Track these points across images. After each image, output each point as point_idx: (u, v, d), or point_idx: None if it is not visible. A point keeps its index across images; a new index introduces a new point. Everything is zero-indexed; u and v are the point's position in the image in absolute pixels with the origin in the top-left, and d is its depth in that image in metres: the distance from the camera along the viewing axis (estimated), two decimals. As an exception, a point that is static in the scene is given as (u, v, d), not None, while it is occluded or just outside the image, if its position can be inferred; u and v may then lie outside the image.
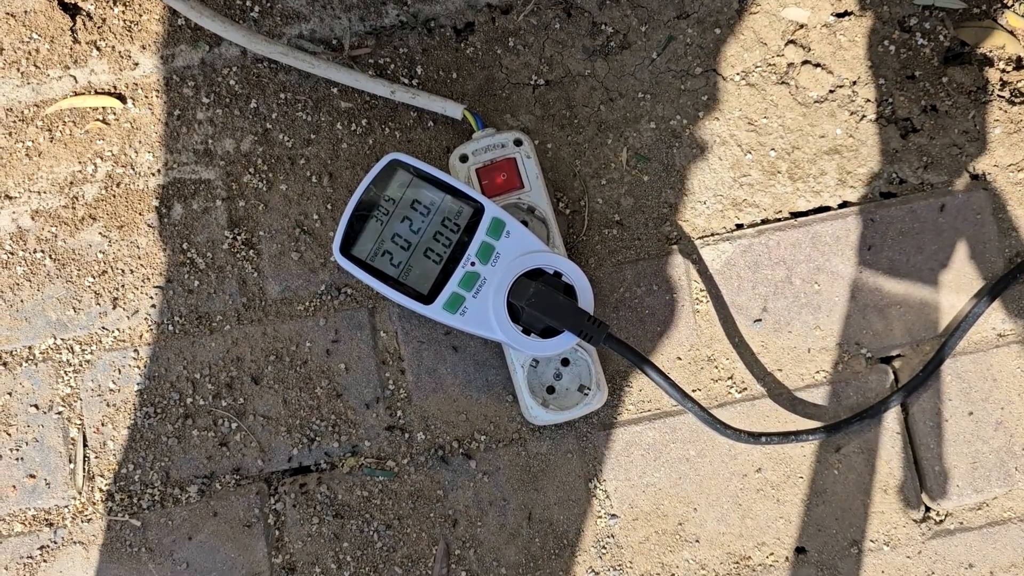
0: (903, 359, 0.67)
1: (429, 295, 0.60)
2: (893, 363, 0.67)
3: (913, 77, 0.68)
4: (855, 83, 0.68)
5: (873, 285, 0.67)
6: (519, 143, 0.64)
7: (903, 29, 0.69)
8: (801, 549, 0.66)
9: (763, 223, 0.67)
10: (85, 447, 0.65)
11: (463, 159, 0.64)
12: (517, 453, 0.66)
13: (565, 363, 0.64)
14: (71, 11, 0.68)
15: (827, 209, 0.68)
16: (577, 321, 0.59)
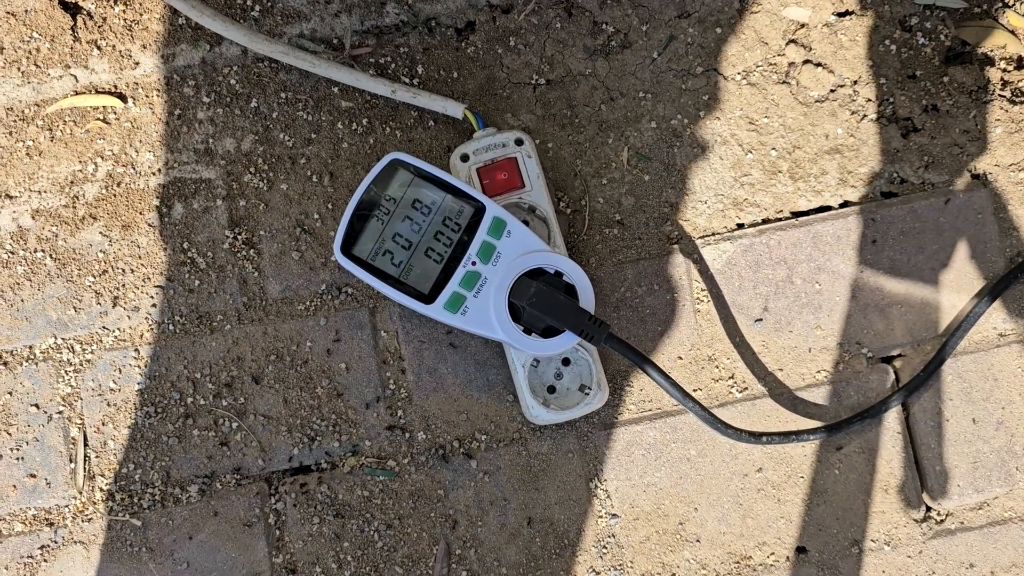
0: (904, 359, 0.67)
1: (430, 295, 0.60)
2: (894, 363, 0.67)
3: (914, 76, 0.68)
4: (856, 82, 0.68)
5: (874, 285, 0.67)
6: (520, 142, 0.64)
7: (904, 28, 0.69)
8: (802, 549, 0.66)
9: (764, 223, 0.67)
10: (86, 447, 0.65)
11: (464, 158, 0.64)
12: (518, 453, 0.66)
13: (566, 363, 0.64)
14: (72, 10, 0.68)
15: (828, 209, 0.68)
16: (578, 321, 0.59)
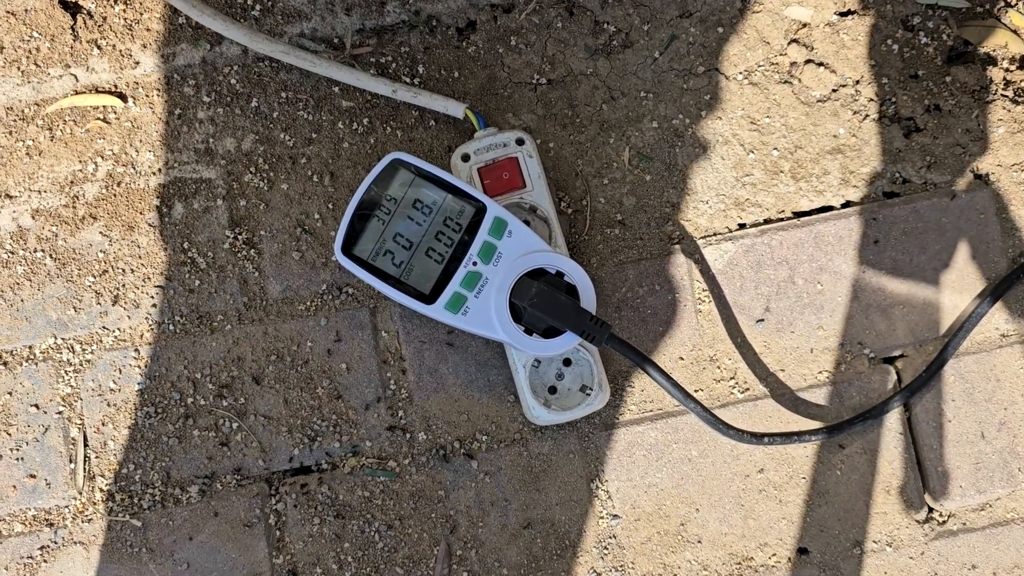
0: (906, 359, 0.67)
1: (431, 295, 0.60)
2: (896, 363, 0.67)
3: (916, 76, 0.68)
4: (858, 82, 0.68)
5: (876, 285, 0.67)
6: (521, 142, 0.64)
7: (906, 28, 0.68)
8: (803, 550, 0.66)
9: (766, 223, 0.67)
10: (86, 447, 0.65)
11: (465, 158, 0.64)
12: (519, 453, 0.65)
13: (567, 363, 0.63)
14: (72, 9, 0.68)
15: (830, 209, 0.68)
16: (579, 321, 0.59)
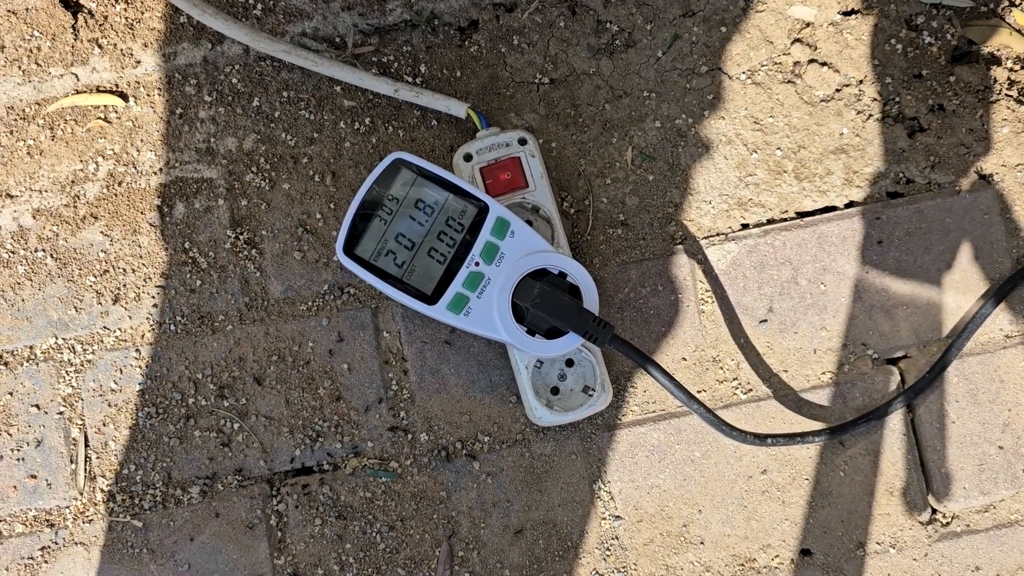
0: (909, 360, 0.67)
1: (433, 295, 0.60)
2: (899, 364, 0.67)
3: (920, 76, 0.68)
4: (862, 82, 0.68)
5: (880, 285, 0.66)
6: (523, 142, 0.64)
7: (910, 28, 0.68)
8: (806, 551, 0.66)
9: (769, 223, 0.67)
10: (86, 447, 0.65)
11: (467, 158, 0.64)
12: (521, 454, 0.65)
13: (569, 364, 0.63)
14: (72, 9, 0.68)
15: (833, 209, 0.67)
16: (582, 322, 0.59)
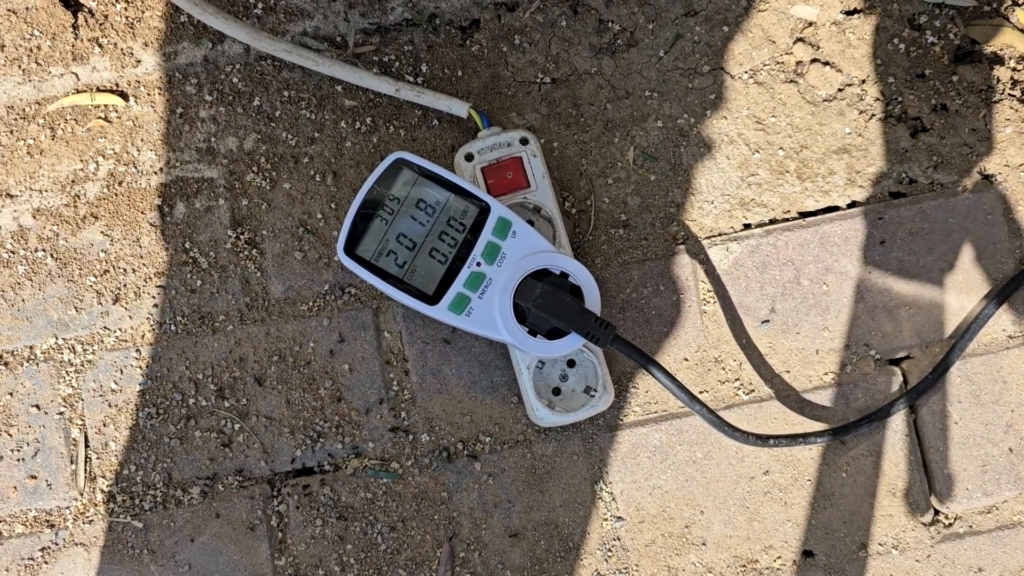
0: (912, 361, 0.66)
1: (434, 295, 0.60)
2: (902, 365, 0.67)
3: (923, 75, 0.68)
4: (864, 81, 0.67)
5: (882, 286, 0.66)
6: (525, 142, 0.64)
7: (913, 27, 0.68)
8: (808, 552, 0.66)
9: (771, 223, 0.67)
10: (87, 448, 0.65)
11: (468, 158, 0.63)
12: (522, 455, 0.65)
13: (571, 364, 0.63)
14: (73, 8, 0.68)
15: (836, 209, 0.67)
16: (584, 322, 0.59)
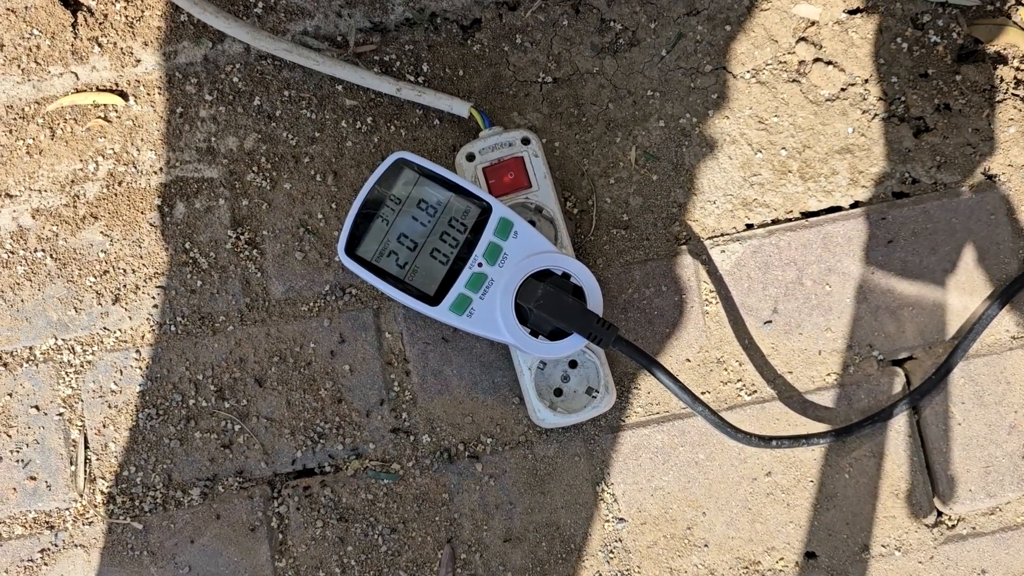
0: (915, 361, 0.66)
1: (435, 296, 0.59)
2: (905, 365, 0.66)
3: (926, 75, 0.67)
4: (867, 81, 0.67)
5: (885, 286, 0.66)
6: (526, 142, 0.63)
7: (916, 26, 0.68)
8: (811, 554, 0.65)
9: (774, 223, 0.67)
10: (86, 449, 0.65)
11: (470, 158, 0.63)
12: (524, 456, 0.65)
13: (573, 365, 0.63)
14: (72, 7, 0.67)
15: (839, 209, 0.67)
16: (586, 323, 0.58)
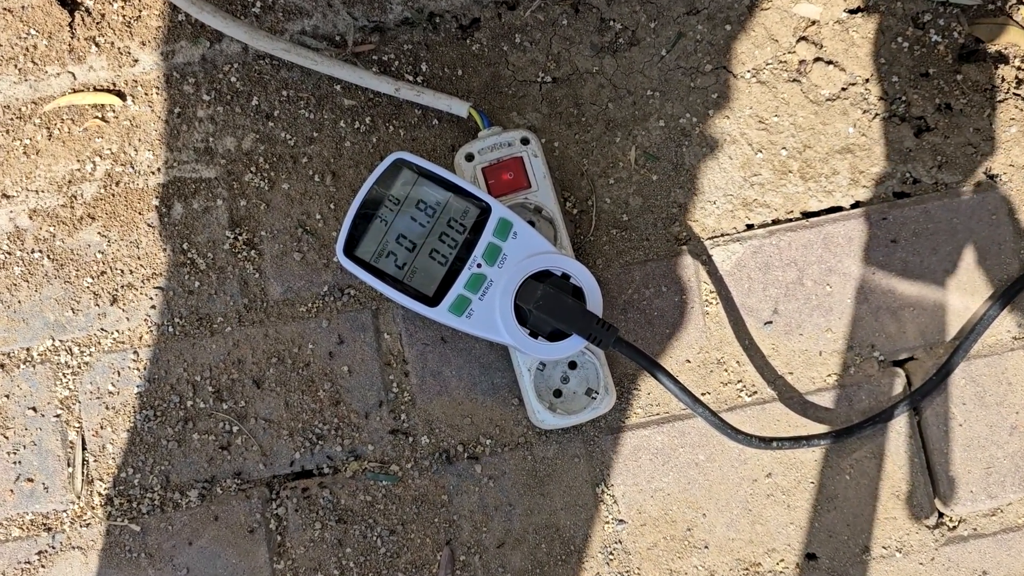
0: (916, 362, 0.66)
1: (434, 297, 0.59)
2: (906, 366, 0.66)
3: (927, 75, 0.67)
4: (868, 81, 0.67)
5: (886, 287, 0.66)
6: (526, 142, 0.63)
7: (917, 26, 0.67)
8: (812, 555, 0.65)
9: (774, 223, 0.66)
10: (84, 450, 0.64)
11: (469, 158, 0.63)
12: (523, 457, 0.65)
13: (572, 366, 0.63)
14: (69, 7, 0.67)
15: (839, 209, 0.67)
16: (586, 324, 0.58)
